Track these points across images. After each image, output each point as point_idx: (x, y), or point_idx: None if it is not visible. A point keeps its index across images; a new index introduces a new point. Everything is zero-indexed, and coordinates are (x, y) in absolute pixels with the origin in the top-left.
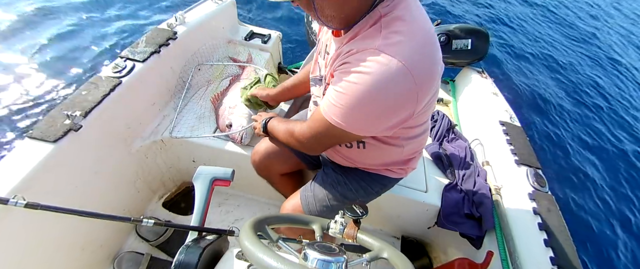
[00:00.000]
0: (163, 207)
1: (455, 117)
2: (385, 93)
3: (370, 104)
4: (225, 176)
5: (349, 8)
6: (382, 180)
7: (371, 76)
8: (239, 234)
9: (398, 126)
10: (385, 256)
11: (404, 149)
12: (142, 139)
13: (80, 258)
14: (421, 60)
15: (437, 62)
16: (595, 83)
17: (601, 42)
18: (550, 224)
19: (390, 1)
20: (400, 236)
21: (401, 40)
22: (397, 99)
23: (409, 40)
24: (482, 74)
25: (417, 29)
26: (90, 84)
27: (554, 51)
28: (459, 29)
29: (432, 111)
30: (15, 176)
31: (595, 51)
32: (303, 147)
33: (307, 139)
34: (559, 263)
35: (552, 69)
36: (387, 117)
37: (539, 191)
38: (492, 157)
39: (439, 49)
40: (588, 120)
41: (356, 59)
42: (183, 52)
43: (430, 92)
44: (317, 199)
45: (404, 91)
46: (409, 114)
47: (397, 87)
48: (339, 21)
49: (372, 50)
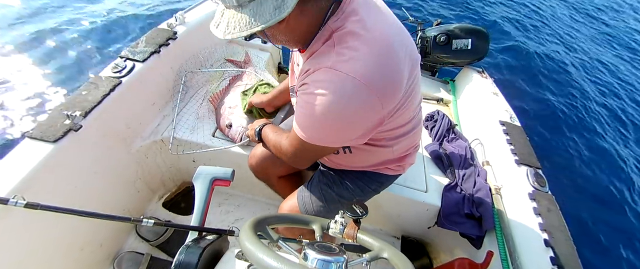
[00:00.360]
0: (163, 207)
1: (456, 117)
2: (344, 109)
3: (332, 121)
4: (225, 176)
5: (299, 31)
6: (379, 178)
7: (327, 96)
8: (239, 234)
9: (371, 133)
10: (385, 256)
11: (393, 148)
12: (142, 139)
13: (80, 258)
14: (378, 71)
15: (399, 67)
16: (596, 83)
17: (602, 42)
18: (551, 224)
19: (341, 14)
20: (400, 236)
21: (353, 56)
22: (357, 112)
23: (362, 54)
24: (482, 74)
25: (370, 40)
26: (90, 84)
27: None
28: (459, 29)
29: (415, 108)
30: (15, 176)
31: (596, 51)
32: (289, 162)
33: (289, 156)
34: (559, 263)
35: (552, 69)
36: (352, 129)
37: (539, 191)
38: (492, 157)
39: (403, 47)
40: (588, 120)
41: (312, 80)
42: (183, 52)
43: (397, 97)
44: (314, 200)
45: (364, 104)
46: (377, 121)
47: (355, 102)
48: (294, 43)
49: (326, 69)
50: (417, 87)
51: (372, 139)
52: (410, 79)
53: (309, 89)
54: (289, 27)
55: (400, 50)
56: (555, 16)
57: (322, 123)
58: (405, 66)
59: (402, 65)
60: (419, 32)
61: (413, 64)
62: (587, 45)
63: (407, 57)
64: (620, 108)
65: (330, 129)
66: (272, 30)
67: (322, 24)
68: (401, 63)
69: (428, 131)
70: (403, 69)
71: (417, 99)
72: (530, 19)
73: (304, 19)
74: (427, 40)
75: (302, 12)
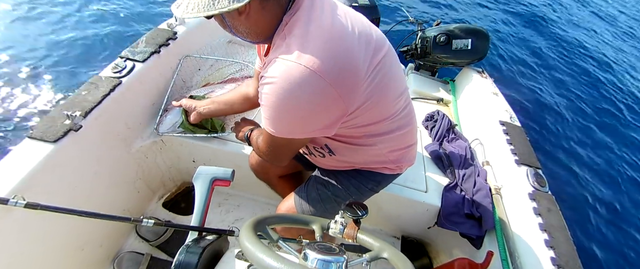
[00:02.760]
0: (163, 207)
1: (455, 117)
2: (298, 98)
3: (290, 110)
4: (225, 176)
5: (260, 25)
6: (375, 177)
7: (277, 85)
8: (239, 234)
9: (337, 124)
10: (385, 256)
11: (378, 147)
12: (142, 139)
13: (80, 258)
14: (326, 57)
15: (351, 53)
16: (596, 83)
17: (602, 42)
18: (551, 224)
19: (295, 7)
20: (400, 236)
21: (300, 44)
22: (311, 100)
23: (309, 42)
24: (482, 74)
25: (314, 28)
26: (90, 84)
27: (555, 51)
28: (459, 29)
29: (392, 103)
30: (15, 176)
31: (596, 51)
32: (268, 160)
33: (266, 153)
34: (559, 263)
35: (552, 69)
36: (314, 118)
37: (539, 191)
38: (492, 157)
39: (359, 34)
40: (588, 120)
41: (267, 73)
42: (183, 52)
43: (355, 84)
44: (310, 200)
45: (316, 90)
46: (339, 111)
47: (307, 88)
48: (255, 36)
49: (276, 60)
50: (389, 79)
51: (349, 136)
52: (374, 67)
53: (265, 81)
54: (250, 20)
55: (352, 37)
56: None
57: (282, 114)
58: (361, 52)
59: (356, 52)
60: (419, 32)
61: (375, 52)
62: (587, 45)
63: (364, 44)
64: (620, 108)
65: (292, 119)
66: (232, 20)
67: (282, 18)
68: (354, 49)
69: (428, 131)
70: (357, 55)
71: (392, 92)
72: (531, 19)
73: (266, 13)
74: (427, 40)
75: (263, 8)
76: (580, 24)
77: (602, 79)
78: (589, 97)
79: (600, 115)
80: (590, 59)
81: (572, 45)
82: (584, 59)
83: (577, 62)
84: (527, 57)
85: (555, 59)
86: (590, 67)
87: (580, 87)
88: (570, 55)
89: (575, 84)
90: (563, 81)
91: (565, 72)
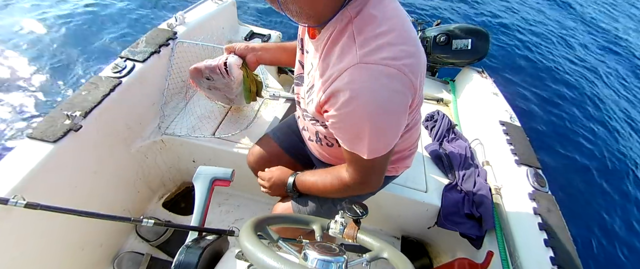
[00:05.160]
0: (163, 207)
1: (456, 117)
2: (390, 101)
3: (385, 119)
4: (225, 176)
5: (318, 6)
6: None
7: (369, 95)
8: (239, 234)
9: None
10: (385, 256)
11: None
12: (142, 139)
13: (80, 257)
14: (409, 54)
15: (421, 49)
16: (596, 83)
17: (602, 42)
18: (551, 224)
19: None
20: (400, 236)
21: (381, 44)
22: (401, 101)
23: (390, 40)
24: (482, 74)
25: (394, 25)
26: (90, 84)
27: (555, 51)
28: (459, 29)
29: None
30: (15, 176)
31: (596, 50)
32: (362, 189)
33: (360, 183)
34: (559, 263)
35: (552, 69)
36: (403, 116)
37: (539, 191)
38: (492, 157)
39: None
40: (589, 120)
41: (346, 87)
42: (183, 52)
43: (422, 74)
44: (307, 200)
45: (405, 90)
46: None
47: (396, 90)
48: (307, 17)
49: (354, 68)
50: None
51: None
52: None
53: (346, 98)
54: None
55: (415, 31)
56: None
57: (378, 127)
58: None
59: (420, 44)
60: (419, 32)
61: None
62: (587, 46)
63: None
64: (620, 108)
65: (387, 128)
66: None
67: (342, 6)
68: (418, 42)
69: (428, 131)
70: (421, 48)
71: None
72: (531, 19)
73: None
74: (427, 40)
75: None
76: (581, 23)
77: (603, 79)
78: (590, 97)
79: (601, 115)
80: (591, 58)
81: (572, 45)
82: (584, 58)
83: (577, 62)
84: (527, 57)
85: (556, 59)
86: (591, 67)
87: (581, 87)
88: (570, 55)
89: (575, 84)
90: (563, 81)
91: (565, 72)
